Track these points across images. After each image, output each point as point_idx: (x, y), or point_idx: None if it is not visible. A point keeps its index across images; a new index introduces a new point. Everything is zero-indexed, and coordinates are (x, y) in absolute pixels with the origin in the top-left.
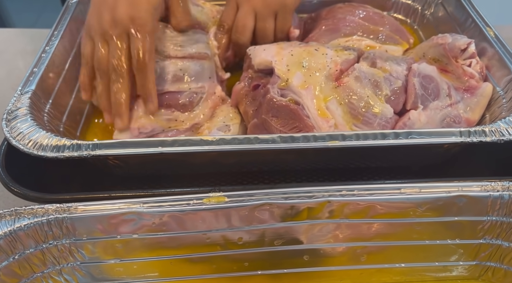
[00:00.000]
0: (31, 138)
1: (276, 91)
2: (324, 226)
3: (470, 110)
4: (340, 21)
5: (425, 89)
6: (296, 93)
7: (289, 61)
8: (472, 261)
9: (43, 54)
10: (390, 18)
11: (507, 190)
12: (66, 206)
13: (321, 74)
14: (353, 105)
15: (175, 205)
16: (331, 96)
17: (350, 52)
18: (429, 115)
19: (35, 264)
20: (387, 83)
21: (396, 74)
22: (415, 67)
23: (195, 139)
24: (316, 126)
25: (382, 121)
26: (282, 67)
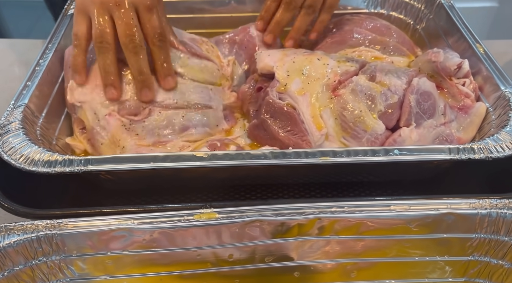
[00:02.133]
0: (22, 153)
1: (275, 94)
2: (314, 243)
3: (463, 130)
4: (347, 33)
5: (421, 107)
6: (293, 98)
7: (290, 67)
8: (461, 278)
9: (37, 68)
10: (397, 30)
11: (495, 207)
12: (56, 222)
13: (319, 83)
14: (345, 118)
15: (165, 221)
16: (326, 106)
17: (352, 64)
18: (421, 134)
19: (24, 280)
20: (383, 98)
21: (394, 89)
22: (415, 82)
23: (187, 155)
24: (310, 133)
25: (372, 137)
26: (283, 72)
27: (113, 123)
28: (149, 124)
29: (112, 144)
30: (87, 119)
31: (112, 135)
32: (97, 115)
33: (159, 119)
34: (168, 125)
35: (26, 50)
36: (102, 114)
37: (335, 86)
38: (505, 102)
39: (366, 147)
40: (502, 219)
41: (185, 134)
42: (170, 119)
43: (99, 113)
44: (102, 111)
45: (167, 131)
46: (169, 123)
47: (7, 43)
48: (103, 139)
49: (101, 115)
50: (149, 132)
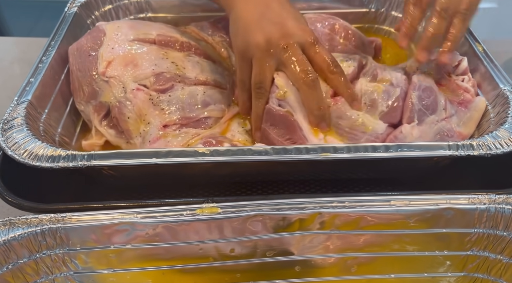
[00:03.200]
0: (26, 149)
1: (275, 101)
2: (315, 237)
3: (463, 125)
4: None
5: (423, 103)
6: (292, 106)
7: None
8: (460, 273)
9: (40, 64)
10: (356, 32)
11: (494, 202)
12: (60, 216)
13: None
14: (340, 125)
15: (168, 215)
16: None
17: (350, 64)
18: (423, 130)
19: (28, 273)
20: (385, 97)
21: (396, 82)
22: (415, 79)
23: (189, 150)
24: (308, 140)
25: (372, 137)
26: (283, 78)
27: (140, 97)
28: (174, 98)
29: (138, 118)
30: (113, 95)
31: (138, 109)
32: (124, 89)
33: (183, 93)
34: (191, 100)
35: (28, 49)
36: (130, 88)
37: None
38: (504, 100)
39: (366, 143)
40: (501, 214)
41: (208, 110)
42: (193, 94)
43: (128, 87)
44: (131, 86)
45: (191, 106)
46: (192, 98)
47: (8, 41)
48: (130, 113)
49: (129, 89)
50: (174, 107)
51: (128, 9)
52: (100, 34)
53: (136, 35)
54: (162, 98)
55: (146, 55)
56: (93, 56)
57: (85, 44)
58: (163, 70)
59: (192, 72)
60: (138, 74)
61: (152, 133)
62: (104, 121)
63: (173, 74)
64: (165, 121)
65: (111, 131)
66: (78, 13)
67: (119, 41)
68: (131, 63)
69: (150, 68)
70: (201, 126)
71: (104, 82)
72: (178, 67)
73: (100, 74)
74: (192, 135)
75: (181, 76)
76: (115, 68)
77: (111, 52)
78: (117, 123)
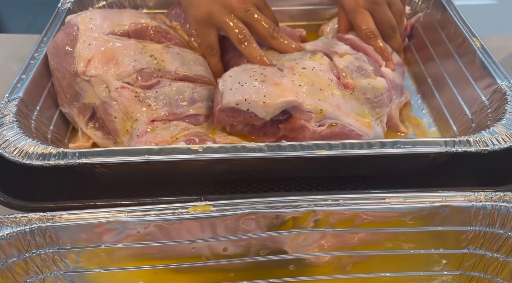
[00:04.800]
0: (16, 146)
1: (315, 124)
2: (309, 236)
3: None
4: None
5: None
6: (333, 117)
7: (309, 91)
8: (456, 271)
9: (31, 61)
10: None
11: (490, 200)
12: (49, 214)
13: (334, 90)
14: (371, 100)
15: (160, 214)
16: (354, 102)
17: (320, 55)
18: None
19: (17, 273)
20: (362, 61)
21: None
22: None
23: (182, 148)
24: (364, 135)
25: (386, 94)
26: (309, 101)
27: (125, 95)
28: (161, 94)
29: (125, 116)
30: (97, 95)
31: (124, 107)
32: (108, 88)
33: (170, 90)
34: (179, 96)
35: (23, 45)
36: (114, 87)
37: (340, 82)
38: (501, 95)
39: (362, 140)
40: (497, 211)
41: (195, 107)
42: (181, 91)
43: (111, 86)
44: (114, 84)
45: (179, 103)
46: (180, 94)
47: (3, 38)
48: (116, 112)
49: (112, 88)
50: (162, 103)
51: (122, 5)
52: (73, 29)
53: (111, 28)
54: (148, 95)
55: (125, 51)
56: (70, 54)
57: (60, 41)
58: (143, 65)
59: (171, 65)
60: (120, 71)
61: (140, 128)
62: (90, 123)
63: (152, 69)
64: (153, 116)
65: (98, 133)
66: (72, 9)
67: (95, 36)
68: (111, 60)
69: (131, 65)
70: (192, 121)
71: (86, 82)
72: (158, 61)
73: (80, 74)
74: (182, 129)
75: (161, 71)
76: (96, 67)
77: (89, 50)
78: (104, 124)
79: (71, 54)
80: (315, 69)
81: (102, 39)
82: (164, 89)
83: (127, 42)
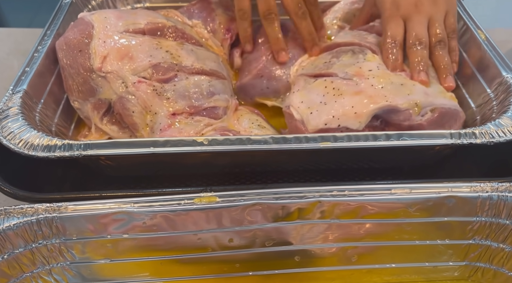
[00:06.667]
0: (22, 138)
1: (419, 118)
2: (315, 227)
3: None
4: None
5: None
6: (428, 104)
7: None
8: (462, 262)
9: (35, 54)
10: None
11: (496, 190)
12: (56, 205)
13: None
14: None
15: (166, 205)
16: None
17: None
18: None
19: (24, 263)
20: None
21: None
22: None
23: (187, 140)
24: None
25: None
26: (399, 99)
27: (143, 89)
28: (180, 87)
29: (143, 110)
30: (113, 91)
31: (143, 101)
32: (125, 84)
33: (188, 83)
34: (197, 89)
35: (25, 40)
36: (131, 82)
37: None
38: (507, 87)
39: (367, 132)
40: (503, 202)
41: (213, 99)
42: (198, 84)
43: (128, 81)
44: (131, 79)
45: (197, 95)
46: (198, 87)
47: (5, 32)
48: (134, 106)
49: (129, 83)
50: (180, 96)
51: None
52: (88, 27)
53: (126, 26)
54: (166, 88)
55: (140, 47)
56: (85, 51)
57: (73, 38)
58: (159, 60)
59: (187, 60)
60: (135, 66)
61: (162, 122)
62: (105, 118)
63: (169, 63)
64: (173, 109)
65: (114, 127)
66: (75, 2)
67: (110, 34)
68: (126, 56)
69: (146, 59)
70: (212, 115)
71: (102, 78)
72: (174, 56)
73: (96, 70)
74: (205, 125)
75: (178, 65)
76: (111, 63)
77: (104, 47)
78: (121, 119)
79: (85, 51)
80: (381, 68)
81: (117, 36)
82: (182, 83)
83: (142, 38)
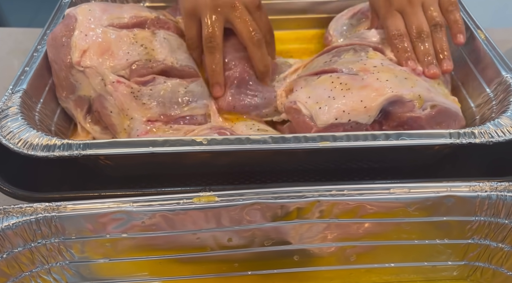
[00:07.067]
0: (21, 138)
1: (420, 111)
2: (313, 226)
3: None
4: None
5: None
6: (430, 99)
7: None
8: (461, 261)
9: (35, 53)
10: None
11: (495, 190)
12: (55, 204)
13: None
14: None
15: (165, 204)
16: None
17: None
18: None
19: (23, 263)
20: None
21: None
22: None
23: (186, 139)
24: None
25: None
26: (404, 91)
27: (121, 90)
28: (155, 92)
29: (121, 112)
30: (92, 88)
31: (120, 103)
32: (103, 81)
33: (165, 88)
34: (173, 96)
35: (25, 39)
36: (110, 80)
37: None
38: (506, 87)
39: (366, 132)
40: (502, 201)
41: (189, 108)
42: (174, 90)
43: (106, 79)
44: (109, 77)
45: (172, 104)
46: (174, 94)
47: (5, 31)
48: (112, 107)
49: (108, 81)
50: (156, 102)
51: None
52: (72, 21)
53: (111, 20)
54: (143, 92)
55: (119, 43)
56: (66, 45)
57: (58, 33)
58: (135, 58)
59: (160, 54)
60: (115, 64)
61: (139, 128)
62: (88, 117)
63: (143, 60)
64: (147, 116)
65: (96, 127)
66: (74, 1)
67: (93, 27)
68: (107, 52)
69: (125, 58)
70: (191, 123)
71: (80, 73)
72: (148, 50)
73: (75, 64)
74: (185, 132)
75: (151, 61)
76: (91, 58)
77: (85, 40)
78: (100, 118)
79: (67, 45)
80: (384, 64)
81: (99, 29)
82: (158, 87)
83: (121, 33)
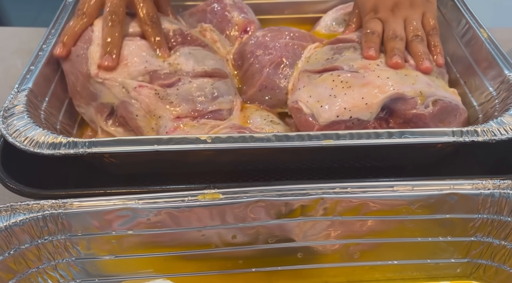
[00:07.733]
0: (27, 136)
1: (423, 108)
2: (317, 223)
3: None
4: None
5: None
6: (431, 95)
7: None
8: (464, 259)
9: (40, 52)
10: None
11: (498, 188)
12: (61, 201)
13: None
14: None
15: (170, 201)
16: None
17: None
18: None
19: (30, 259)
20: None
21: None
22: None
23: (191, 137)
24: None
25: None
26: (405, 88)
27: (145, 93)
28: (183, 91)
29: (147, 114)
30: (114, 96)
31: (146, 105)
32: (126, 89)
33: (191, 87)
34: (200, 93)
35: (29, 39)
36: (132, 86)
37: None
38: (509, 86)
39: (369, 130)
40: (505, 199)
41: (217, 102)
42: (201, 87)
43: (128, 86)
44: (131, 84)
45: (200, 99)
46: (201, 90)
47: (9, 31)
48: (137, 110)
49: (130, 88)
50: (184, 100)
51: None
52: (88, 31)
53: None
54: (169, 92)
55: (135, 50)
56: (83, 56)
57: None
58: (155, 68)
59: (188, 66)
60: (131, 71)
61: (168, 125)
62: (110, 121)
63: (168, 70)
64: (177, 113)
65: (119, 129)
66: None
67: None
68: (122, 61)
69: (142, 65)
70: (217, 117)
71: (100, 84)
72: (172, 65)
73: (94, 76)
74: (211, 127)
75: (177, 73)
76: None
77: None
78: (125, 122)
79: (84, 56)
80: (384, 61)
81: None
82: (185, 86)
83: (138, 42)
